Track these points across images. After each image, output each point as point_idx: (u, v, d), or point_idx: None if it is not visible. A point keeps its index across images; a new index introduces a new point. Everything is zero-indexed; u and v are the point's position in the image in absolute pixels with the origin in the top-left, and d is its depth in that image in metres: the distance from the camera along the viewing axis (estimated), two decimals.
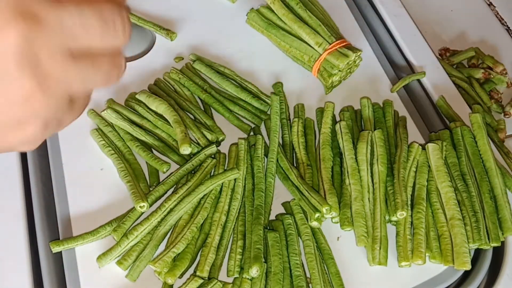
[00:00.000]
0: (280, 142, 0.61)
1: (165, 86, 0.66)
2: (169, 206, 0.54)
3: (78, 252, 0.53)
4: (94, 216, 0.55)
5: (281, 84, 0.66)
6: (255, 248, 0.52)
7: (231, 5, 0.76)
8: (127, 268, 0.52)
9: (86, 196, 0.57)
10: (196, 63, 0.67)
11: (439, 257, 0.53)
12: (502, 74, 0.77)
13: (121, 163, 0.57)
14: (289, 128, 0.62)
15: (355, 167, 0.57)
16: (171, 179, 0.57)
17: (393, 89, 0.67)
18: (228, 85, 0.65)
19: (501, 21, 0.86)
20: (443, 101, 0.66)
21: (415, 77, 0.69)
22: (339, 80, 0.67)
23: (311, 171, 0.58)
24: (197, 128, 0.60)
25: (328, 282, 0.52)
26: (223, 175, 0.56)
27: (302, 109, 0.64)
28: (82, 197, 0.57)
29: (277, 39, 0.68)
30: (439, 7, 0.87)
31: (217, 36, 0.72)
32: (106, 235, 0.54)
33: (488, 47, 0.82)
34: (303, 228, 0.54)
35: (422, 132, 0.64)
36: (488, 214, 0.55)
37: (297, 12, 0.67)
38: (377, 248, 0.52)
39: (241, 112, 0.64)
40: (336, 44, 0.64)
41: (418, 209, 0.54)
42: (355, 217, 0.54)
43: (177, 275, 0.50)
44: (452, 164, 0.58)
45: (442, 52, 0.81)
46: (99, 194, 0.57)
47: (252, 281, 0.51)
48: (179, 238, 0.51)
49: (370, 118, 0.63)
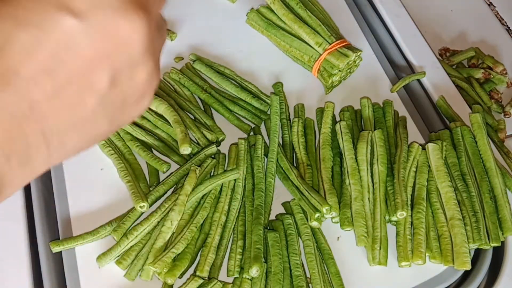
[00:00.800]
0: (280, 142, 0.61)
1: (165, 86, 0.66)
2: (169, 206, 0.54)
3: (78, 252, 0.53)
4: (94, 216, 0.55)
5: (281, 84, 0.66)
6: (255, 248, 0.52)
7: (231, 5, 0.76)
8: (126, 268, 0.52)
9: (86, 196, 0.57)
10: (196, 63, 0.67)
11: (439, 257, 0.53)
12: (502, 74, 0.77)
13: (121, 163, 0.57)
14: (289, 128, 0.62)
15: (355, 167, 0.56)
16: (171, 179, 0.57)
17: (393, 89, 0.67)
18: (228, 85, 0.65)
19: (501, 21, 0.86)
20: (443, 101, 0.66)
21: (415, 77, 0.69)
22: (339, 80, 0.67)
23: (311, 171, 0.58)
24: (197, 128, 0.60)
25: (328, 282, 0.52)
26: (223, 175, 0.56)
27: (302, 109, 0.64)
28: (82, 197, 0.57)
29: (277, 39, 0.68)
30: (439, 7, 0.87)
31: (217, 36, 0.72)
32: (106, 235, 0.54)
33: (488, 47, 0.81)
34: (303, 228, 0.54)
35: (422, 132, 0.64)
36: (488, 214, 0.55)
37: (297, 12, 0.67)
38: (377, 248, 0.52)
39: (241, 112, 0.64)
40: (336, 44, 0.64)
41: (418, 209, 0.54)
42: (355, 217, 0.54)
43: (177, 275, 0.50)
44: (452, 164, 0.58)
45: (442, 52, 0.81)
46: (99, 194, 0.57)
47: (252, 281, 0.51)
48: (179, 238, 0.51)
49: (370, 118, 0.63)
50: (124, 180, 0.56)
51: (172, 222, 0.52)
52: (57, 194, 0.58)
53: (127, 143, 0.60)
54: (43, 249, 0.54)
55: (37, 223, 0.56)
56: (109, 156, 0.59)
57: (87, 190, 0.58)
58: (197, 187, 0.55)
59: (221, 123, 0.63)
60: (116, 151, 0.59)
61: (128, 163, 0.58)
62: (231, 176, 0.56)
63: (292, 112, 0.65)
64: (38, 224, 0.56)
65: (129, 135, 0.60)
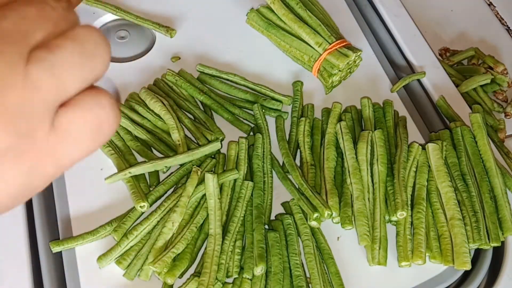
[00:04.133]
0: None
1: (164, 86, 0.66)
2: (168, 206, 0.54)
3: (78, 252, 0.53)
4: (94, 216, 0.55)
5: (300, 83, 0.66)
6: (259, 247, 0.52)
7: (231, 5, 0.76)
8: (126, 268, 0.52)
9: (86, 196, 0.57)
10: (201, 75, 0.67)
11: (439, 257, 0.53)
12: (503, 74, 0.76)
13: (121, 163, 0.57)
14: (297, 127, 0.62)
15: (356, 166, 0.57)
16: (171, 179, 0.57)
17: (393, 89, 0.67)
18: (237, 92, 0.65)
19: (501, 21, 0.86)
20: (443, 101, 0.66)
21: (415, 77, 0.69)
22: (339, 80, 0.67)
23: (314, 171, 0.58)
24: (196, 128, 0.60)
25: (328, 282, 0.52)
26: (222, 175, 0.56)
27: (312, 109, 0.64)
28: (82, 197, 0.57)
29: (277, 39, 0.68)
30: (439, 7, 0.87)
31: (217, 36, 0.72)
32: (106, 235, 0.54)
33: (488, 47, 0.81)
34: (303, 228, 0.54)
35: (422, 132, 0.64)
36: (488, 214, 0.55)
37: (297, 12, 0.67)
38: (377, 248, 0.52)
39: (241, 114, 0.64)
40: (336, 44, 0.64)
41: (418, 209, 0.54)
42: (357, 216, 0.54)
43: (177, 275, 0.50)
44: (452, 164, 0.58)
45: (442, 52, 0.81)
46: (99, 194, 0.57)
47: (252, 281, 0.51)
48: (179, 238, 0.51)
49: (371, 118, 0.63)
50: (124, 180, 0.56)
51: (173, 224, 0.52)
52: (57, 194, 0.58)
53: (127, 143, 0.60)
54: (43, 249, 0.54)
55: (37, 223, 0.56)
56: (109, 156, 0.59)
57: (87, 190, 0.58)
58: (197, 187, 0.55)
59: (221, 123, 0.63)
60: (116, 151, 0.59)
61: (128, 163, 0.58)
62: (231, 176, 0.56)
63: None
64: (38, 224, 0.56)
65: (129, 135, 0.60)
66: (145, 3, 0.75)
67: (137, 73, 0.68)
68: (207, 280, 0.49)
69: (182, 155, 0.56)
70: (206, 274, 0.50)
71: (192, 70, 0.67)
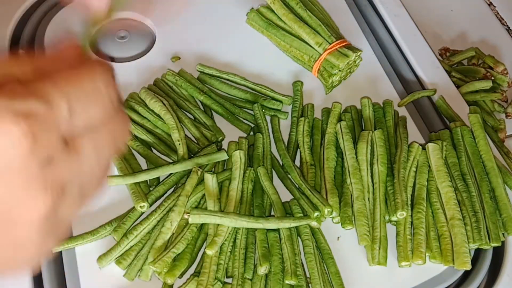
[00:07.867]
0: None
1: (164, 86, 0.66)
2: (168, 206, 0.54)
3: (78, 252, 0.53)
4: (94, 216, 0.55)
5: (300, 83, 0.66)
6: (262, 247, 0.52)
7: (231, 5, 0.76)
8: (126, 268, 0.52)
9: None
10: (201, 75, 0.67)
11: (439, 257, 0.53)
12: (503, 74, 0.76)
13: (121, 163, 0.57)
14: (296, 127, 0.62)
15: (356, 166, 0.57)
16: (171, 179, 0.57)
17: (401, 103, 0.66)
18: (238, 92, 0.65)
19: (501, 21, 0.86)
20: (443, 101, 0.66)
21: (424, 93, 0.67)
22: (339, 80, 0.67)
23: (314, 170, 0.58)
24: (196, 128, 0.60)
25: (328, 282, 0.52)
26: (221, 175, 0.56)
27: (312, 109, 0.64)
28: None
29: (277, 39, 0.68)
30: (439, 7, 0.87)
31: (217, 36, 0.72)
32: (106, 235, 0.54)
33: (488, 47, 0.81)
34: (303, 228, 0.54)
35: (422, 132, 0.64)
36: (488, 214, 0.55)
37: (297, 12, 0.67)
38: (377, 248, 0.52)
39: (241, 114, 0.64)
40: (336, 44, 0.64)
41: (418, 209, 0.54)
42: (357, 216, 0.54)
43: (177, 275, 0.50)
44: (452, 164, 0.58)
45: (442, 52, 0.81)
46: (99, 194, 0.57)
47: (252, 281, 0.51)
48: (179, 238, 0.51)
49: (371, 118, 0.63)
50: None
51: (172, 223, 0.52)
52: None
53: (127, 143, 0.60)
54: None
55: None
56: None
57: None
58: (197, 187, 0.55)
59: (220, 123, 0.63)
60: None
61: (128, 163, 0.58)
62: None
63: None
64: None
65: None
66: (145, 3, 0.75)
67: (137, 73, 0.68)
68: (206, 280, 0.49)
69: (186, 163, 0.56)
70: (205, 274, 0.50)
71: (192, 70, 0.67)
